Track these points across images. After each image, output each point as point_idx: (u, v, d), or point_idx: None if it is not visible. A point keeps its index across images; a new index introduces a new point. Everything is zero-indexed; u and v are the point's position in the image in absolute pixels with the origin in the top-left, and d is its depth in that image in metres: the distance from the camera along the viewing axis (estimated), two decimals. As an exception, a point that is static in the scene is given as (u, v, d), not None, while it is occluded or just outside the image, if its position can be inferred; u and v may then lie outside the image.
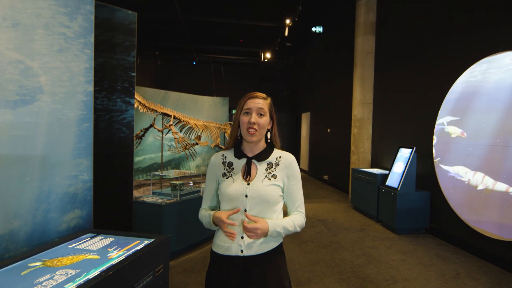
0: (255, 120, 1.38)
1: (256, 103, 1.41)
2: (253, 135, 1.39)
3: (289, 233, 1.39)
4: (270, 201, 1.38)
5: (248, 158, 1.45)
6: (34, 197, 1.67)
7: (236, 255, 1.36)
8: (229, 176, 1.44)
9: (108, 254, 1.55)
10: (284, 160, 1.46)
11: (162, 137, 5.80)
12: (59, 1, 1.76)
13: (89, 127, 1.92)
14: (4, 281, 1.25)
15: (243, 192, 1.38)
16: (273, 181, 1.41)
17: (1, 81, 1.52)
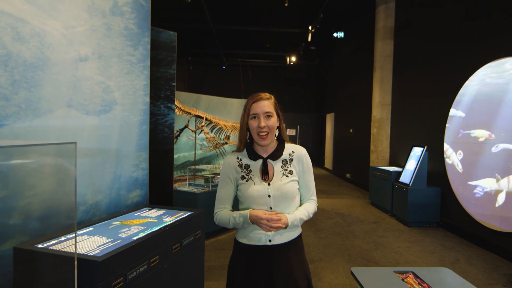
0: (264, 123, 1.42)
1: (262, 106, 1.44)
2: (265, 139, 1.44)
3: (303, 221, 1.50)
4: (291, 197, 1.47)
5: (264, 158, 1.50)
6: (111, 179, 2.34)
7: (264, 245, 1.46)
8: (249, 179, 1.49)
9: (163, 219, 2.19)
10: (297, 155, 1.52)
11: (195, 137, 6.50)
12: (127, 37, 2.43)
13: (146, 128, 2.58)
14: (100, 231, 1.91)
15: (265, 193, 1.44)
16: (291, 177, 1.48)
17: (91, 97, 2.20)
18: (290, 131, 14.85)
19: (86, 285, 1.45)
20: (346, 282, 3.14)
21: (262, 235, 1.46)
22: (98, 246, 1.66)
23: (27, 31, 1.86)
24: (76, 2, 2.10)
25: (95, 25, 2.21)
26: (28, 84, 1.87)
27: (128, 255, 1.63)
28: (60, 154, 2.04)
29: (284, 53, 12.71)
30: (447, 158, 4.90)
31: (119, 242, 1.72)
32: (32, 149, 1.89)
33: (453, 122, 4.84)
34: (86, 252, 1.56)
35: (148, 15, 2.59)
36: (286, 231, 1.48)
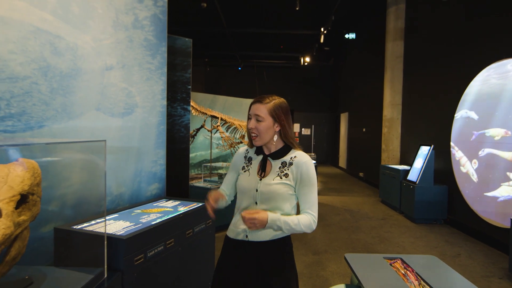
0: (252, 125, 1.44)
1: (254, 109, 1.45)
2: (255, 140, 1.46)
3: (293, 230, 1.38)
4: (278, 198, 1.41)
5: (265, 155, 1.51)
6: (133, 173, 2.65)
7: (241, 240, 1.45)
8: (247, 170, 1.53)
9: (178, 208, 2.48)
10: (297, 161, 1.45)
11: (211, 137, 6.82)
12: (146, 47, 2.73)
13: (164, 128, 2.89)
14: (124, 217, 2.22)
15: (254, 186, 1.45)
16: (284, 180, 1.43)
17: (116, 101, 2.51)
18: (305, 130, 15.01)
19: (114, 259, 1.75)
20: (347, 272, 3.35)
21: (240, 230, 1.46)
22: (123, 228, 1.96)
23: (62, 46, 2.18)
24: (103, 18, 2.41)
25: (119, 38, 2.53)
26: (63, 91, 2.19)
27: (148, 236, 1.93)
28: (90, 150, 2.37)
29: (298, 54, 12.90)
30: (461, 166, 4.85)
31: (140, 225, 2.02)
32: (67, 146, 2.22)
33: (463, 124, 4.94)
34: (113, 233, 1.86)
35: (165, 27, 2.89)
36: (264, 230, 1.41)
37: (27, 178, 1.32)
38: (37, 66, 2.04)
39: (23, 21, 1.97)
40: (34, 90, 2.03)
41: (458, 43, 5.17)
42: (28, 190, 1.33)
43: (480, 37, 4.67)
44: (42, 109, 2.08)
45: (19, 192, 1.27)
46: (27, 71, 1.99)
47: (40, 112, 2.07)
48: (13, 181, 1.26)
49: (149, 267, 1.94)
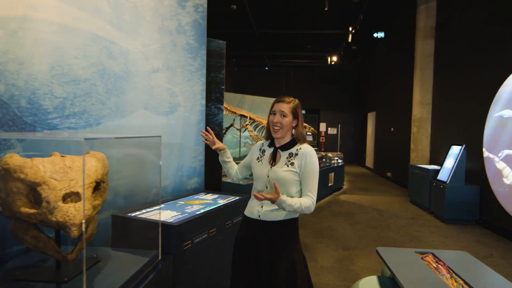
0: (277, 120, 1.70)
1: (280, 106, 1.72)
2: (276, 132, 1.72)
3: (294, 210, 1.60)
4: (285, 183, 1.66)
5: (275, 147, 1.79)
6: (175, 168, 2.86)
7: (255, 218, 1.72)
8: (260, 160, 1.80)
9: (217, 201, 2.65)
10: (302, 151, 1.71)
11: (240, 135, 7.01)
12: (188, 50, 2.93)
13: (203, 126, 3.08)
14: (170, 207, 2.41)
15: (266, 173, 1.72)
16: (291, 168, 1.68)
17: (161, 101, 2.72)
18: (331, 130, 14.96)
19: (166, 243, 1.94)
20: (377, 267, 3.42)
21: (254, 210, 1.72)
22: (171, 217, 2.15)
23: (116, 51, 2.41)
24: (151, 25, 2.62)
25: (164, 42, 2.73)
26: (117, 91, 2.41)
27: (194, 224, 2.11)
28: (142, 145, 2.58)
29: (325, 54, 12.88)
30: (504, 177, 4.60)
31: (186, 215, 2.21)
32: (122, 140, 2.44)
33: (503, 124, 4.85)
34: (164, 220, 2.06)
35: (205, 31, 3.08)
36: (276, 211, 1.67)
37: (99, 167, 1.52)
38: (95, 69, 2.27)
39: (84, 29, 2.20)
40: (93, 91, 2.26)
41: (492, 41, 5.07)
42: (101, 178, 1.53)
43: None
44: (99, 108, 2.31)
45: (94, 179, 1.47)
46: (87, 74, 2.23)
47: (98, 111, 2.30)
48: (89, 170, 1.46)
49: (195, 252, 2.12)
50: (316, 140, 14.24)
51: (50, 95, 2.04)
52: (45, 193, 1.28)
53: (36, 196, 1.33)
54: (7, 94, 1.83)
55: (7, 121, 1.83)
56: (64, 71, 2.11)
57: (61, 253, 1.35)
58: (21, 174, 1.29)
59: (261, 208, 1.71)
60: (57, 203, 1.26)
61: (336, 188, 7.88)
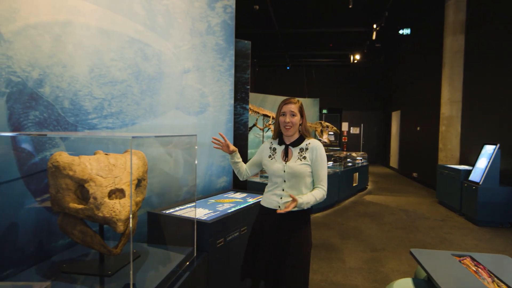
0: (289, 120, 1.88)
1: (289, 107, 1.89)
2: (288, 130, 1.89)
3: (311, 205, 1.83)
4: (301, 176, 1.85)
5: (286, 145, 1.94)
6: (205, 166, 2.90)
7: (273, 208, 1.88)
8: (273, 158, 1.94)
9: (247, 200, 2.67)
10: (311, 146, 1.90)
11: (263, 135, 7.02)
12: (217, 51, 2.97)
13: (231, 125, 3.11)
14: (202, 205, 2.45)
15: (282, 168, 1.87)
16: (303, 161, 1.87)
17: (192, 101, 2.77)
18: (353, 129, 14.74)
19: (200, 240, 1.97)
20: (408, 270, 3.35)
21: (274, 201, 1.90)
22: (204, 214, 2.19)
23: (150, 52, 2.47)
24: (182, 27, 2.68)
25: (195, 43, 2.78)
26: (151, 92, 2.48)
27: (227, 222, 2.14)
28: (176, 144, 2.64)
29: (347, 52, 12.71)
30: None
31: (218, 213, 2.24)
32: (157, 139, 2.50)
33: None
34: (198, 217, 2.09)
35: (233, 32, 3.11)
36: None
37: (140, 166, 1.57)
38: (131, 71, 2.34)
39: (121, 32, 2.27)
40: (129, 92, 2.33)
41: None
42: (142, 176, 1.58)
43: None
44: (134, 108, 2.38)
45: (136, 177, 1.52)
46: (124, 76, 2.30)
47: (133, 111, 2.37)
48: (132, 168, 1.51)
49: (228, 250, 2.15)
50: (338, 140, 14.07)
51: (90, 96, 2.12)
52: (92, 190, 1.33)
53: (83, 192, 1.38)
54: (52, 96, 1.91)
55: (52, 121, 1.91)
56: (102, 73, 2.18)
57: (107, 248, 1.40)
58: (70, 171, 1.35)
59: (280, 199, 1.88)
60: (104, 199, 1.31)
61: (361, 188, 7.75)
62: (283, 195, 1.88)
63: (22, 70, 1.77)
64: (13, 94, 1.72)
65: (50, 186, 1.41)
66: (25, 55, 1.78)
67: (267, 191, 1.98)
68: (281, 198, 1.88)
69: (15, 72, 1.73)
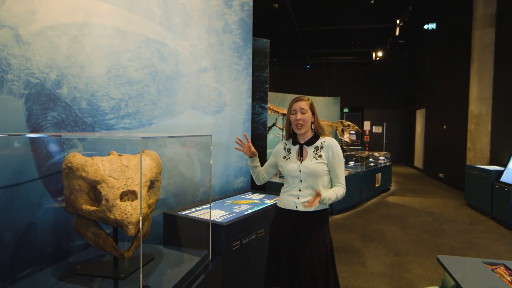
0: (300, 117, 1.83)
1: (299, 105, 1.85)
2: (300, 128, 1.85)
3: (333, 201, 1.78)
4: (317, 175, 1.80)
5: (300, 144, 1.90)
6: (222, 167, 2.86)
7: (291, 209, 1.83)
8: (288, 158, 1.90)
9: (264, 201, 2.61)
10: (327, 144, 1.86)
11: (282, 135, 6.93)
12: (234, 49, 2.92)
13: (249, 125, 3.06)
14: (218, 207, 2.41)
15: (297, 168, 1.83)
16: (319, 160, 1.82)
17: (208, 100, 2.74)
18: (376, 128, 14.39)
19: (215, 243, 1.93)
20: (434, 277, 3.19)
21: (291, 202, 1.84)
22: (220, 216, 2.15)
23: (167, 52, 2.45)
24: (198, 25, 2.65)
25: (211, 42, 2.75)
26: (167, 92, 2.46)
27: (243, 224, 2.09)
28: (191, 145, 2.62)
29: (369, 49, 12.40)
30: None
31: (234, 215, 2.19)
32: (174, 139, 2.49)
33: None
34: (213, 219, 2.05)
35: (250, 30, 3.06)
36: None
37: (154, 166, 1.54)
38: (148, 71, 2.33)
39: (138, 32, 2.27)
40: (145, 92, 2.32)
41: None
42: (155, 177, 1.55)
43: None
44: (151, 108, 2.37)
45: (149, 178, 1.49)
46: (140, 76, 2.29)
47: (150, 111, 2.36)
48: (144, 169, 1.48)
49: (244, 253, 2.10)
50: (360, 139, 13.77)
51: (107, 96, 2.12)
52: (104, 191, 1.31)
53: (96, 194, 1.37)
54: (70, 97, 1.92)
55: (70, 122, 1.92)
56: (119, 73, 2.18)
57: (118, 251, 1.38)
58: (83, 173, 1.33)
59: (298, 199, 1.83)
60: (115, 201, 1.29)
61: (384, 189, 7.53)
62: (300, 195, 1.84)
63: (40, 71, 1.78)
64: (31, 95, 1.74)
65: (64, 187, 1.40)
66: (43, 56, 1.79)
67: (283, 192, 1.94)
68: (298, 199, 1.84)
69: (33, 74, 1.75)
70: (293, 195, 1.85)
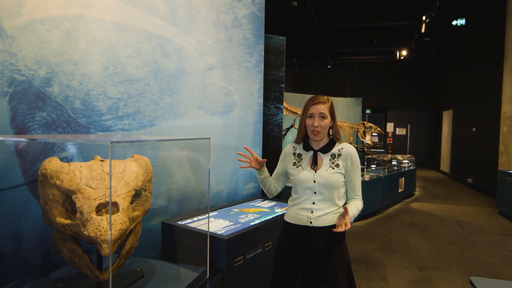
0: (318, 123, 1.59)
1: (318, 108, 1.60)
2: (316, 135, 1.62)
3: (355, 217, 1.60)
4: (335, 186, 1.60)
5: (315, 151, 1.67)
6: (230, 171, 2.67)
7: (305, 225, 1.60)
8: (299, 166, 1.68)
9: (275, 210, 2.40)
10: (345, 152, 1.65)
11: (300, 135, 6.69)
12: (244, 45, 2.73)
13: (260, 127, 2.85)
14: (223, 215, 2.22)
15: (311, 178, 1.61)
16: (336, 170, 1.62)
17: (216, 100, 2.55)
18: (399, 130, 13.85)
19: (215, 259, 1.74)
20: (464, 295, 2.88)
21: (303, 217, 1.61)
22: (223, 227, 1.96)
23: (170, 48, 2.29)
24: (205, 20, 2.47)
25: (220, 38, 2.56)
26: (171, 91, 2.30)
27: (247, 237, 1.88)
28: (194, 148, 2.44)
29: (393, 48, 11.90)
30: None
31: (239, 225, 1.99)
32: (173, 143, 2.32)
33: None
34: (215, 231, 1.86)
35: (262, 25, 2.86)
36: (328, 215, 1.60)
37: (140, 174, 1.37)
38: (149, 68, 2.17)
39: (138, 27, 2.11)
40: (147, 91, 2.17)
41: None
42: (142, 186, 1.37)
43: None
44: (153, 108, 2.21)
45: (134, 187, 1.31)
46: (141, 73, 2.13)
47: (151, 112, 2.20)
48: (129, 176, 1.31)
49: (248, 269, 1.90)
50: (382, 142, 13.27)
51: (104, 95, 1.98)
52: (79, 203, 1.14)
53: (72, 205, 1.20)
54: (62, 96, 1.78)
55: (61, 123, 1.79)
56: (118, 70, 2.03)
57: (94, 272, 1.21)
58: (57, 181, 1.17)
59: (312, 213, 1.61)
60: (90, 215, 1.12)
61: (407, 194, 7.13)
62: (314, 208, 1.60)
63: (28, 68, 1.65)
64: (17, 93, 1.61)
65: (40, 196, 1.25)
66: (31, 52, 1.66)
67: (293, 204, 1.69)
68: (312, 213, 1.60)
69: (19, 70, 1.62)
70: (306, 209, 1.61)
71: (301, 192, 1.65)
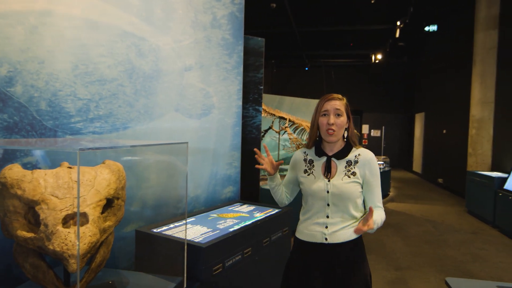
0: (333, 121, 1.43)
1: (333, 104, 1.46)
2: (332, 135, 1.45)
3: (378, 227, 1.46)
4: (351, 197, 1.44)
5: (328, 156, 1.51)
6: (208, 175, 2.60)
7: (320, 242, 1.45)
8: (310, 173, 1.52)
9: (254, 214, 2.35)
10: (363, 158, 1.49)
11: (279, 138, 6.68)
12: (223, 46, 2.67)
13: (238, 130, 2.80)
14: (201, 221, 2.15)
15: (324, 188, 1.46)
16: (353, 178, 1.45)
17: (194, 102, 2.48)
18: (374, 132, 14.18)
19: (193, 267, 1.67)
20: (438, 294, 2.95)
21: (317, 233, 1.46)
22: (201, 234, 1.89)
23: (146, 48, 2.19)
24: (183, 19, 2.39)
25: (198, 38, 2.49)
26: (146, 92, 2.20)
27: (226, 244, 1.83)
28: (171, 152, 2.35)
29: (368, 52, 12.17)
30: None
31: (218, 232, 1.93)
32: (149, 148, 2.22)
33: None
34: (192, 239, 1.79)
35: (242, 25, 2.81)
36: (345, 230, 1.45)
37: (113, 181, 1.28)
38: (123, 68, 2.07)
39: (111, 24, 2.01)
40: (120, 92, 2.06)
41: None
42: (114, 194, 1.29)
43: None
44: (126, 110, 2.10)
45: (105, 196, 1.23)
46: (114, 74, 2.03)
47: (125, 114, 2.10)
48: (100, 184, 1.23)
49: (227, 277, 1.84)
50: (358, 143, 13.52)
51: (73, 96, 1.86)
52: (44, 214, 1.05)
53: (36, 217, 1.10)
54: (25, 96, 1.66)
55: (25, 126, 1.66)
56: (89, 70, 1.92)
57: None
58: (19, 190, 1.07)
59: (326, 229, 1.45)
60: (56, 227, 1.03)
61: (382, 195, 7.29)
62: (328, 223, 1.45)
63: (-13, 66, 1.52)
64: (-27, 94, 1.48)
65: (-1, 207, 1.14)
66: (-10, 48, 1.53)
67: (304, 220, 1.54)
68: (326, 228, 1.45)
69: (-24, 68, 1.49)
70: (320, 224, 1.46)
71: (312, 204, 1.50)
